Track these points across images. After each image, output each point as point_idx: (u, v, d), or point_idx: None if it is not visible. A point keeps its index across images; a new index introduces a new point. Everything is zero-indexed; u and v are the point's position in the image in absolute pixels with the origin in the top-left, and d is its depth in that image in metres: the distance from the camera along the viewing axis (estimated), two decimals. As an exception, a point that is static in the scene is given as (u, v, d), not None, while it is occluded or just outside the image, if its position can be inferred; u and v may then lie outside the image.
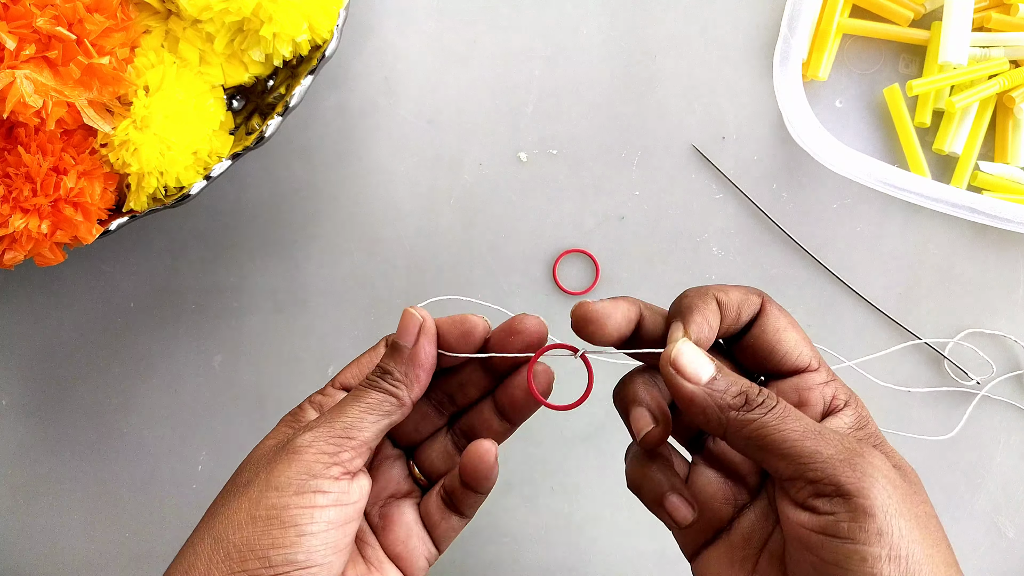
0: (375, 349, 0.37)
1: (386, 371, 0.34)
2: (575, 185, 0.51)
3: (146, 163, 0.43)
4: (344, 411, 0.33)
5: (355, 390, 0.34)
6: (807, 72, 0.50)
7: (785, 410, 0.30)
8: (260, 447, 0.34)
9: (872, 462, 0.29)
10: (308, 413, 0.35)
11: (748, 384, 0.31)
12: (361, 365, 0.37)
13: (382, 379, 0.34)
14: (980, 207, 0.47)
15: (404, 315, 0.35)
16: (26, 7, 0.39)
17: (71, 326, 0.52)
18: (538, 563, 0.51)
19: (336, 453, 0.32)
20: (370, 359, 0.37)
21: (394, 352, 0.34)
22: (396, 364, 0.34)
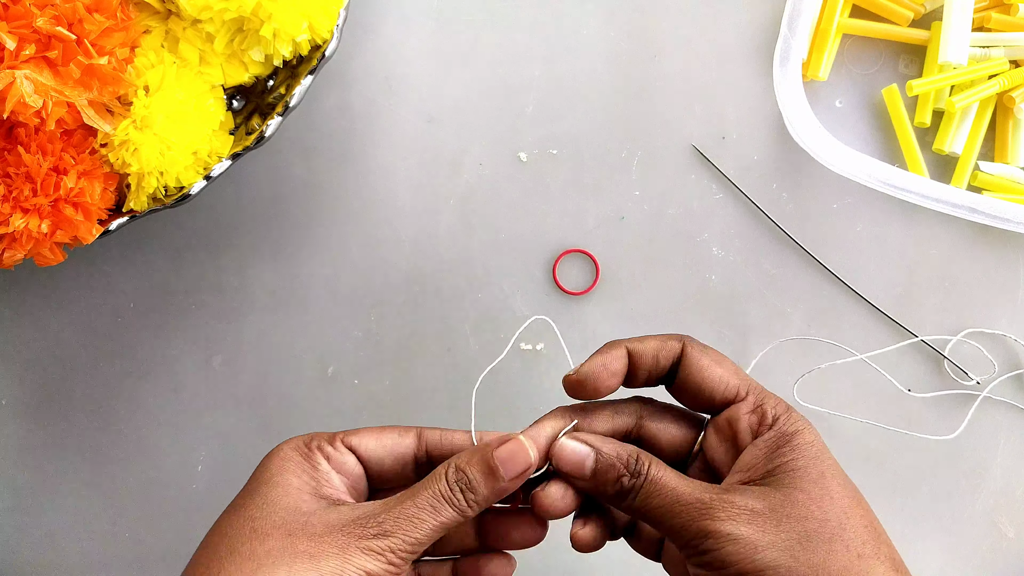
0: (402, 434, 0.36)
1: (471, 488, 0.33)
2: (575, 185, 0.51)
3: (146, 163, 0.43)
4: (420, 523, 0.32)
5: (434, 500, 0.33)
6: (807, 72, 0.50)
7: (651, 483, 0.33)
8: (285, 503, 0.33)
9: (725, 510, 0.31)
10: (321, 465, 0.35)
11: (625, 457, 0.34)
12: (382, 440, 0.36)
13: (464, 496, 0.33)
14: (980, 207, 0.47)
15: (516, 446, 0.34)
16: (26, 7, 0.39)
17: (71, 326, 0.52)
18: (538, 563, 0.51)
19: (402, 565, 0.32)
20: (392, 440, 0.36)
21: (489, 475, 0.33)
22: (486, 488, 0.33)
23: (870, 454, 0.51)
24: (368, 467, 0.36)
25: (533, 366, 0.51)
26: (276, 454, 0.35)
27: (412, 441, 0.36)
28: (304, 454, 0.35)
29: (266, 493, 0.33)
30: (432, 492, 0.33)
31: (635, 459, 0.33)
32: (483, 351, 0.51)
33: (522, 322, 0.51)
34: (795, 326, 0.51)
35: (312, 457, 0.35)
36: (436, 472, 0.34)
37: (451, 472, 0.33)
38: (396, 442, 0.36)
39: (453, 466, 0.33)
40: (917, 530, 0.51)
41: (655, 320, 0.51)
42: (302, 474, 0.34)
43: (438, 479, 0.33)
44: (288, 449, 0.35)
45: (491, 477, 0.33)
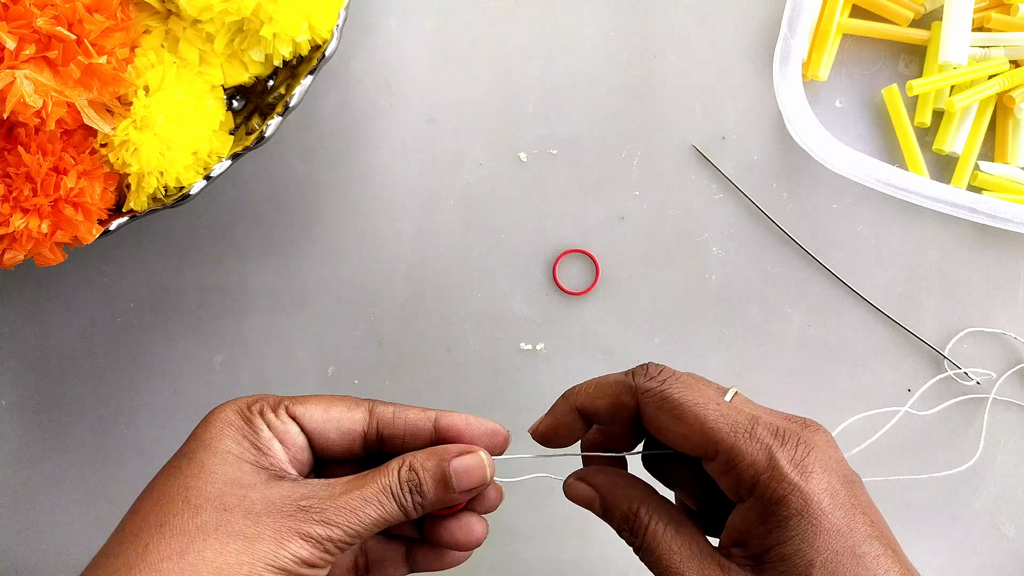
0: (351, 407, 0.34)
1: (421, 492, 0.32)
2: (575, 185, 0.51)
3: (146, 163, 0.43)
4: (364, 516, 0.31)
5: (381, 496, 0.31)
6: (807, 72, 0.50)
7: (648, 545, 0.32)
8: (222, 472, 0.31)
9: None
10: (263, 432, 0.33)
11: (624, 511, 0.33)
12: (330, 412, 0.34)
13: (411, 497, 0.32)
14: (980, 207, 0.47)
15: (475, 461, 0.33)
16: (26, 7, 0.39)
17: (71, 326, 0.52)
18: (538, 563, 0.51)
19: (338, 554, 0.31)
20: (341, 412, 0.34)
21: (441, 483, 0.32)
22: (435, 495, 0.32)
23: (870, 454, 0.51)
24: (312, 439, 0.34)
25: (533, 366, 0.51)
26: (216, 415, 0.33)
27: (362, 416, 0.34)
28: (245, 418, 0.33)
29: (203, 459, 0.32)
30: (381, 486, 0.32)
31: (634, 515, 0.32)
32: (483, 351, 0.51)
33: (522, 322, 0.51)
34: (795, 326, 0.51)
35: (253, 422, 0.33)
36: (389, 466, 0.32)
37: (404, 470, 0.32)
38: (345, 415, 0.34)
39: (407, 464, 0.32)
40: (917, 530, 0.51)
41: (655, 320, 0.51)
42: (242, 440, 0.32)
43: (390, 473, 0.32)
44: (229, 411, 0.33)
45: (443, 486, 0.32)
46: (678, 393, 0.32)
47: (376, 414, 0.34)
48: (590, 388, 0.34)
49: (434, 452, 0.33)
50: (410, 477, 0.32)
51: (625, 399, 0.33)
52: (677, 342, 0.51)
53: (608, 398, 0.34)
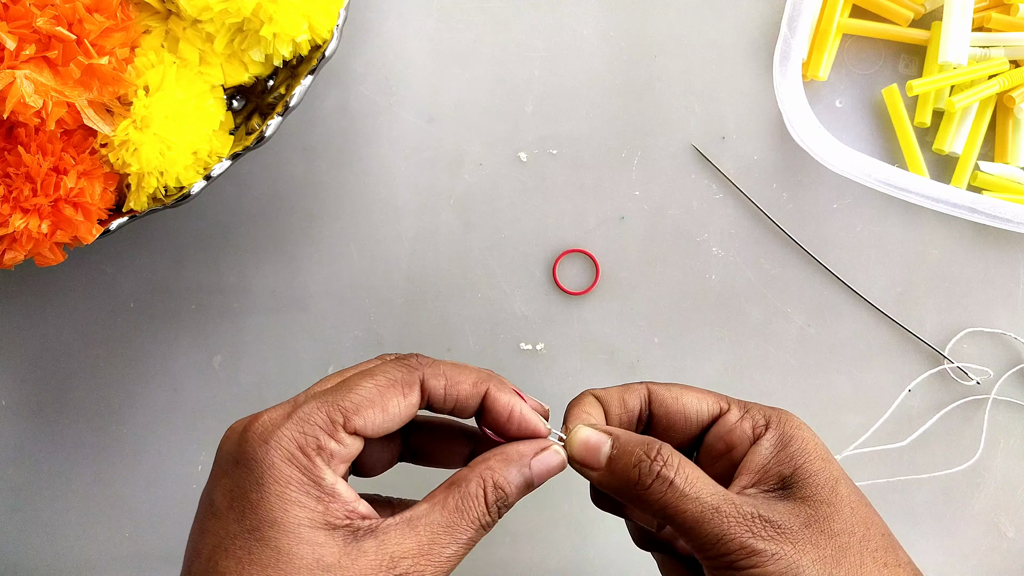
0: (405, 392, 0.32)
1: (508, 505, 0.31)
2: (575, 185, 0.51)
3: (146, 163, 0.43)
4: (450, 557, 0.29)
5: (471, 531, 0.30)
6: (807, 72, 0.50)
7: (677, 482, 0.31)
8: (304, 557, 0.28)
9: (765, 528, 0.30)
10: (326, 477, 0.29)
11: (644, 447, 0.31)
12: (388, 411, 0.31)
13: (499, 512, 0.31)
14: (980, 207, 0.47)
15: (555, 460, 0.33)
16: (26, 7, 0.39)
17: (71, 326, 0.52)
18: (538, 563, 0.51)
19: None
20: (397, 407, 0.31)
21: (527, 489, 0.32)
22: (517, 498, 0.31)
23: (869, 454, 0.51)
24: (371, 439, 0.31)
25: (533, 366, 0.51)
26: (269, 470, 0.28)
27: (416, 400, 0.32)
28: (303, 467, 0.29)
29: (278, 543, 0.28)
30: (471, 519, 0.30)
31: (656, 449, 0.31)
32: (483, 351, 0.51)
33: (522, 322, 0.51)
34: (795, 326, 0.51)
35: (314, 470, 0.29)
36: (471, 492, 0.30)
37: (491, 492, 0.30)
38: (403, 406, 0.31)
39: (492, 483, 0.30)
40: (917, 530, 0.51)
41: (655, 320, 0.51)
42: (308, 501, 0.28)
43: (476, 501, 0.30)
44: (281, 462, 0.28)
45: (527, 489, 0.32)
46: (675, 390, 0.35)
47: (428, 391, 0.32)
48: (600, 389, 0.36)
49: (509, 460, 0.32)
50: (498, 496, 0.31)
51: (636, 385, 0.36)
52: (677, 342, 0.51)
53: (622, 387, 0.36)
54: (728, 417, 0.34)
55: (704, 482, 0.31)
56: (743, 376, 0.51)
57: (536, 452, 0.32)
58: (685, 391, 0.35)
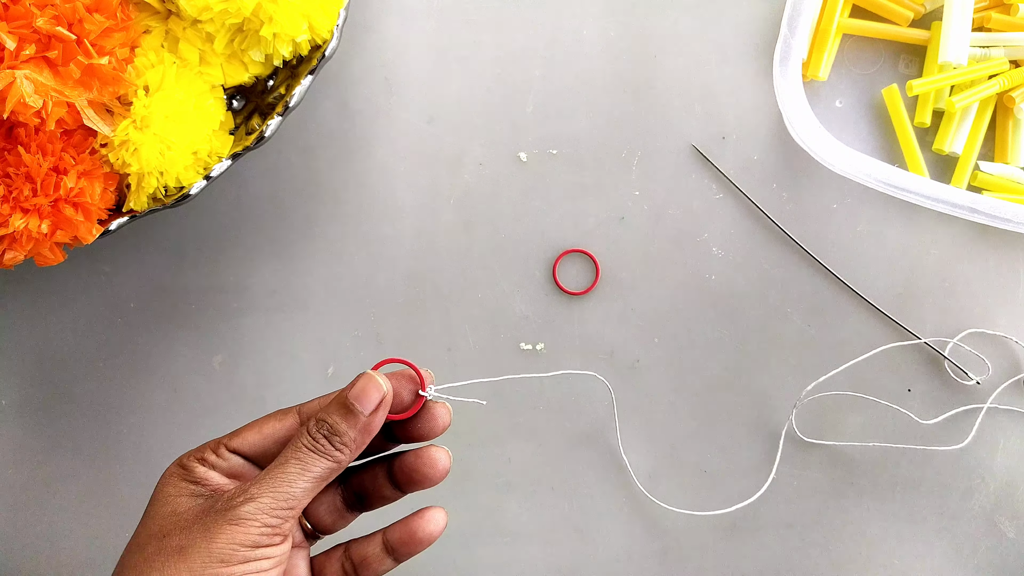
0: (281, 418, 0.36)
1: (335, 432, 0.33)
2: (575, 185, 0.51)
3: (146, 163, 0.43)
4: (289, 479, 0.32)
5: (299, 454, 0.33)
6: (807, 72, 0.50)
7: None
8: (162, 511, 0.33)
9: None
10: (197, 470, 0.34)
11: None
12: (263, 431, 0.35)
13: (330, 442, 0.33)
14: (980, 207, 0.47)
15: (365, 381, 0.34)
16: (26, 7, 0.39)
17: (71, 326, 0.52)
18: (538, 563, 0.51)
19: (280, 524, 0.32)
20: (273, 428, 0.36)
21: (348, 415, 0.34)
22: (349, 428, 0.33)
23: (870, 454, 0.51)
24: (258, 461, 0.36)
25: (533, 366, 0.51)
26: (163, 475, 0.35)
27: (293, 422, 0.36)
28: (181, 464, 0.35)
29: (148, 510, 0.34)
30: (296, 447, 0.33)
31: None
32: (483, 351, 0.51)
33: (522, 322, 0.51)
34: (795, 326, 0.51)
35: (187, 466, 0.35)
36: (299, 430, 0.34)
37: (312, 425, 0.33)
38: (277, 428, 0.35)
39: (314, 419, 0.34)
40: (917, 530, 0.51)
41: (655, 320, 0.51)
42: (179, 482, 0.34)
43: (301, 435, 0.33)
44: (171, 467, 0.35)
45: (351, 416, 0.33)
46: None
47: (304, 413, 0.36)
48: None
49: (331, 396, 0.35)
50: (319, 426, 0.33)
51: None
52: (677, 342, 0.51)
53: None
54: None
55: None
56: (743, 376, 0.51)
57: (352, 383, 0.34)
58: None
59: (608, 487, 0.51)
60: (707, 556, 0.51)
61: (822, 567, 0.51)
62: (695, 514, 0.51)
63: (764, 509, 0.51)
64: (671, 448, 0.51)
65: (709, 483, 0.51)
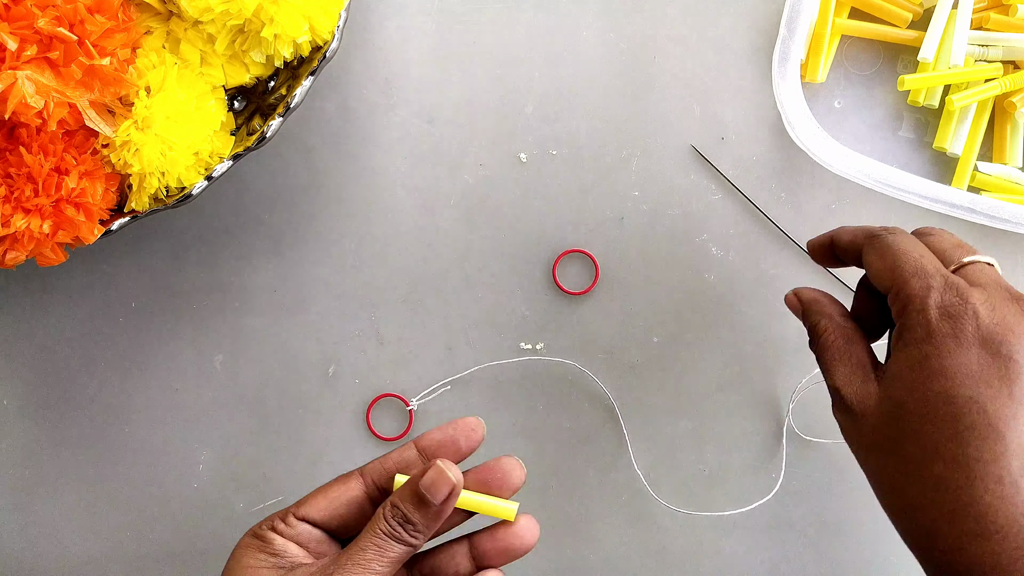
0: (344, 482, 0.37)
1: (409, 521, 0.35)
2: (575, 185, 0.51)
3: (147, 163, 0.43)
4: (368, 564, 0.34)
5: (376, 540, 0.34)
6: (806, 73, 0.50)
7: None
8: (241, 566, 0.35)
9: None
10: (275, 541, 0.36)
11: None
12: (330, 497, 0.37)
13: (404, 530, 0.35)
14: (979, 207, 0.47)
15: (437, 474, 0.35)
16: (27, 8, 0.39)
17: (72, 326, 0.52)
18: (538, 562, 0.51)
19: None
20: (340, 492, 0.37)
21: (421, 505, 0.35)
22: (422, 518, 0.35)
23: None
24: (329, 528, 0.37)
25: (532, 366, 0.51)
26: (235, 549, 0.36)
27: (356, 483, 0.37)
28: (256, 535, 0.36)
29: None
30: (374, 532, 0.35)
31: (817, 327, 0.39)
32: (483, 351, 0.51)
33: (522, 322, 0.51)
34: (795, 326, 0.51)
35: (265, 537, 0.36)
36: (376, 513, 0.35)
37: (388, 510, 0.35)
38: (343, 492, 0.37)
39: (389, 504, 0.35)
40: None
41: (655, 320, 0.51)
42: (257, 554, 0.35)
43: (378, 519, 0.35)
44: (244, 538, 0.36)
45: (423, 505, 0.35)
46: (892, 241, 0.37)
47: (366, 472, 0.38)
48: (847, 227, 0.40)
49: (406, 483, 0.36)
50: (394, 513, 0.35)
51: (860, 239, 0.39)
52: (677, 342, 0.51)
53: (849, 235, 0.40)
54: (889, 297, 0.36)
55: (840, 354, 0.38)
56: (743, 376, 0.51)
57: (423, 471, 0.35)
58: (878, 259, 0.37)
59: (608, 487, 0.51)
60: (707, 555, 0.51)
61: (822, 566, 0.51)
62: (698, 514, 0.51)
63: (764, 508, 0.51)
64: (671, 448, 0.51)
65: (709, 483, 0.51)
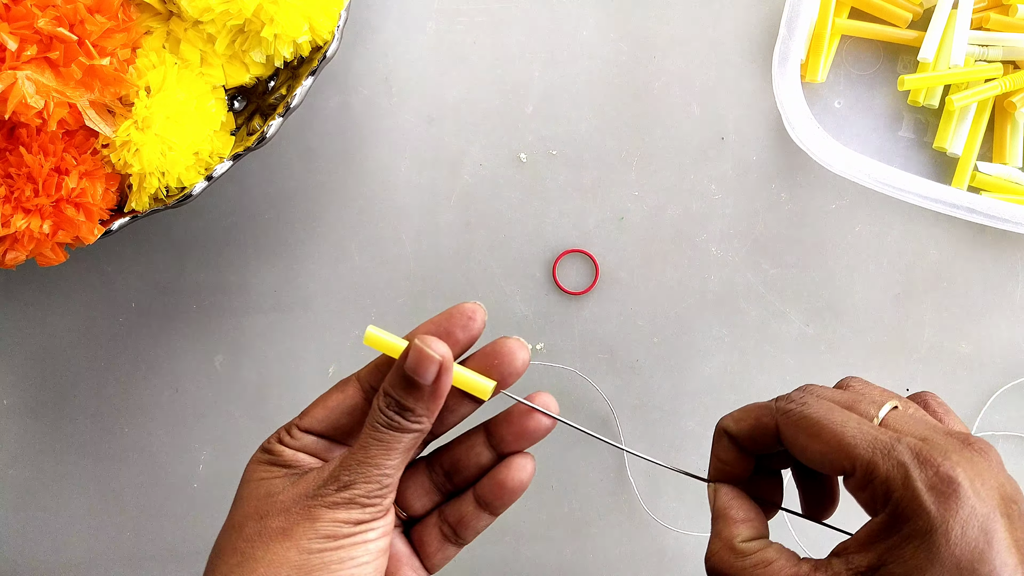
0: (342, 389, 0.36)
1: (405, 407, 0.33)
2: (575, 185, 0.51)
3: (147, 163, 0.43)
4: (375, 461, 0.33)
5: (377, 434, 0.33)
6: (806, 73, 0.50)
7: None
8: (257, 493, 0.34)
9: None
10: (284, 453, 0.35)
11: None
12: (328, 405, 0.36)
13: (403, 418, 0.33)
14: (979, 207, 0.47)
15: (417, 351, 0.33)
16: (28, 8, 0.39)
17: (72, 326, 0.52)
18: (538, 562, 0.51)
19: (381, 501, 0.33)
20: (337, 400, 0.36)
21: (412, 388, 0.33)
22: (417, 402, 0.33)
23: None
24: (332, 436, 0.36)
25: (533, 366, 0.51)
26: (246, 467, 0.36)
27: (355, 390, 0.36)
28: (265, 450, 0.35)
29: (241, 493, 0.35)
30: (372, 427, 0.33)
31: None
32: (483, 351, 0.51)
33: (522, 322, 0.51)
34: (795, 326, 0.51)
35: (273, 450, 0.35)
36: (372, 407, 0.34)
37: (380, 400, 0.33)
38: (341, 401, 0.36)
39: (382, 394, 0.34)
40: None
41: (655, 320, 0.51)
42: (268, 466, 0.35)
43: (374, 412, 0.33)
44: (255, 453, 0.36)
45: (415, 388, 0.33)
46: (816, 412, 0.31)
47: (364, 379, 0.36)
48: (736, 413, 0.35)
49: (392, 368, 0.34)
50: (387, 402, 0.33)
51: (766, 420, 0.33)
52: (677, 342, 0.51)
53: (751, 420, 0.34)
54: (851, 483, 0.30)
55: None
56: (743, 376, 0.51)
57: (406, 352, 0.34)
58: (812, 439, 0.31)
59: (608, 486, 0.51)
60: (706, 555, 0.51)
61: (821, 566, 0.51)
62: (698, 514, 0.51)
63: (763, 508, 0.51)
64: (671, 448, 0.51)
65: (708, 482, 0.51)
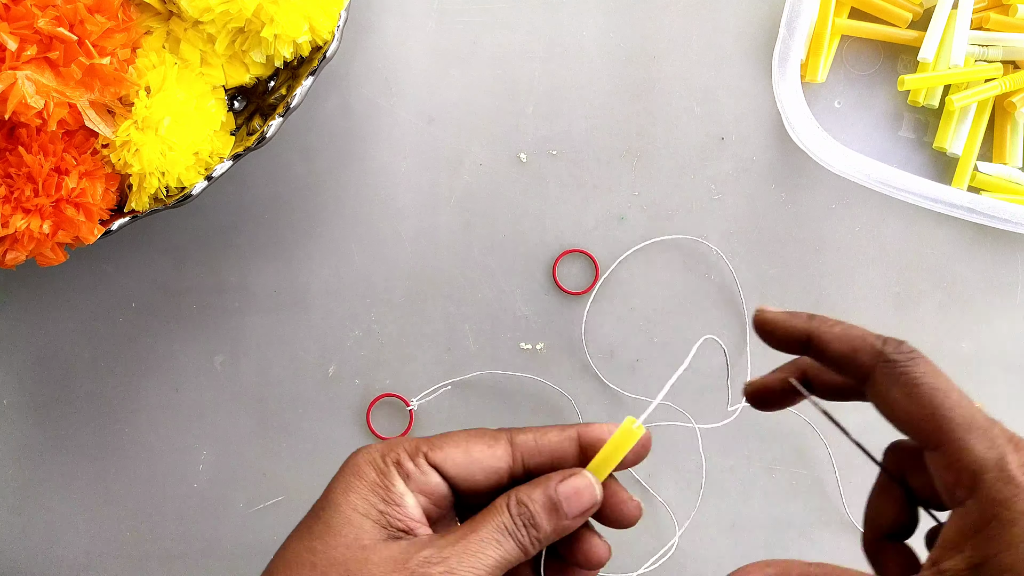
0: (491, 444, 0.33)
1: (534, 525, 0.31)
2: (575, 185, 0.51)
3: (147, 163, 0.43)
4: (483, 557, 0.30)
5: (498, 535, 0.31)
6: (806, 73, 0.50)
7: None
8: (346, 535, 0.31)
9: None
10: (396, 488, 0.32)
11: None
12: (471, 453, 0.33)
13: (527, 531, 0.31)
14: (979, 207, 0.47)
15: (582, 483, 0.31)
16: (27, 8, 0.39)
17: (72, 326, 0.52)
18: (538, 562, 0.51)
19: None
20: (482, 452, 0.33)
21: (552, 513, 0.31)
22: (547, 526, 0.31)
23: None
24: (456, 484, 0.33)
25: (533, 365, 0.51)
26: (351, 466, 0.32)
27: (504, 451, 0.33)
28: (379, 470, 0.32)
29: (329, 520, 0.31)
30: (495, 525, 0.31)
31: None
32: (483, 351, 0.51)
33: (522, 322, 0.51)
34: (794, 326, 0.51)
35: (388, 475, 0.32)
36: (497, 503, 0.32)
37: (513, 504, 0.31)
38: (487, 454, 0.33)
39: (515, 498, 0.31)
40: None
41: (655, 320, 0.51)
42: (370, 496, 0.32)
43: (500, 511, 0.31)
44: (363, 463, 0.32)
45: (554, 514, 0.31)
46: (921, 372, 0.29)
47: (517, 445, 0.33)
48: (835, 327, 0.31)
49: (538, 482, 0.32)
50: (520, 511, 0.31)
51: (863, 358, 0.30)
52: (677, 342, 0.51)
53: (847, 347, 0.30)
54: (932, 458, 0.28)
55: None
56: (742, 376, 0.51)
57: (564, 477, 0.32)
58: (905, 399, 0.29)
59: (608, 486, 0.51)
60: (706, 554, 0.51)
61: (821, 566, 0.51)
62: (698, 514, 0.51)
63: (763, 507, 0.51)
64: (671, 448, 0.51)
65: (708, 483, 0.51)
